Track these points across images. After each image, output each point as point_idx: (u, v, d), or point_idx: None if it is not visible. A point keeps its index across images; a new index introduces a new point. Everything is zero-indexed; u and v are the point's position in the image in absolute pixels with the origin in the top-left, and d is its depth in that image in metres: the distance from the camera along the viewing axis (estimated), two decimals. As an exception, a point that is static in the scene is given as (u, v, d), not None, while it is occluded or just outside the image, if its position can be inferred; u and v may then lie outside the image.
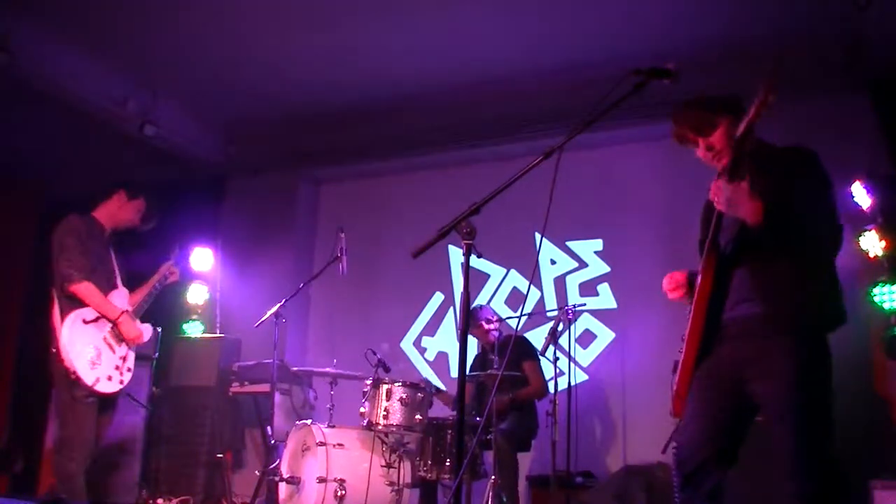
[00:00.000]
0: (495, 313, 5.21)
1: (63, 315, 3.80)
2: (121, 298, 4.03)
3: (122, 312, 3.93)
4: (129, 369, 3.97)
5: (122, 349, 3.96)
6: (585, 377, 5.80)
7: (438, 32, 5.07)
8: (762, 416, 2.45)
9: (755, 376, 2.41)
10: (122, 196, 4.14)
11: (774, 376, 2.37)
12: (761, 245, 2.43)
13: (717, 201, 2.41)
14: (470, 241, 2.36)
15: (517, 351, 4.89)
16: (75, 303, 3.82)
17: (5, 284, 6.91)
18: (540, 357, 4.76)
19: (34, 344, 5.43)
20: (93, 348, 3.81)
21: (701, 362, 2.53)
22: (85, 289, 3.82)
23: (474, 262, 2.39)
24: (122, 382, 3.92)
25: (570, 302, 5.63)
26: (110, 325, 3.91)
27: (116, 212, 4.13)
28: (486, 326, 4.95)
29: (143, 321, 4.14)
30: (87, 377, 3.75)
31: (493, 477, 4.12)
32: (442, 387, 5.35)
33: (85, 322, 3.84)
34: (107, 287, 3.95)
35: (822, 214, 2.45)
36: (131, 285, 4.16)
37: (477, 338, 5.15)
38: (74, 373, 3.72)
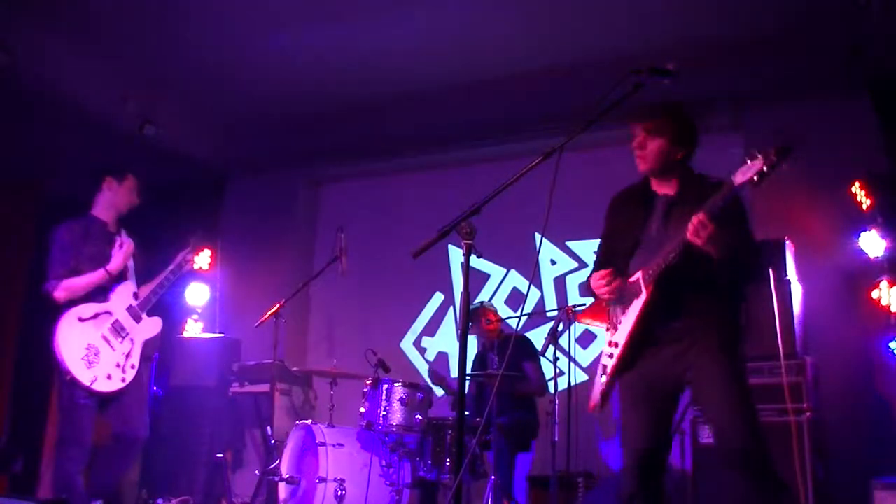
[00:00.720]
0: (496, 311, 5.21)
1: (61, 316, 3.78)
2: (124, 295, 3.96)
3: (104, 268, 3.82)
4: (132, 366, 3.86)
5: (124, 346, 3.87)
6: (585, 377, 5.80)
7: (438, 32, 5.06)
8: (701, 397, 2.71)
9: (688, 365, 2.65)
10: (111, 183, 4.06)
11: (715, 358, 2.62)
12: (700, 274, 2.63)
13: (697, 235, 2.50)
14: (470, 241, 2.36)
15: (518, 351, 4.89)
16: (72, 303, 3.80)
17: (5, 284, 6.90)
18: (541, 357, 4.76)
19: (34, 344, 5.42)
20: (89, 346, 3.74)
21: (632, 368, 2.77)
22: (65, 286, 3.77)
23: (474, 262, 2.40)
24: (123, 381, 3.81)
25: (570, 302, 5.64)
26: (108, 322, 3.85)
27: (112, 199, 4.07)
28: (488, 326, 4.95)
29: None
30: (84, 377, 3.68)
31: (492, 477, 4.12)
32: (442, 388, 5.35)
33: (81, 320, 3.79)
34: (115, 280, 3.91)
35: (755, 255, 2.81)
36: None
37: (478, 335, 5.15)
38: (69, 373, 3.66)
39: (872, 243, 4.62)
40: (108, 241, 4.00)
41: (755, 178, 2.40)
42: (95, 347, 3.77)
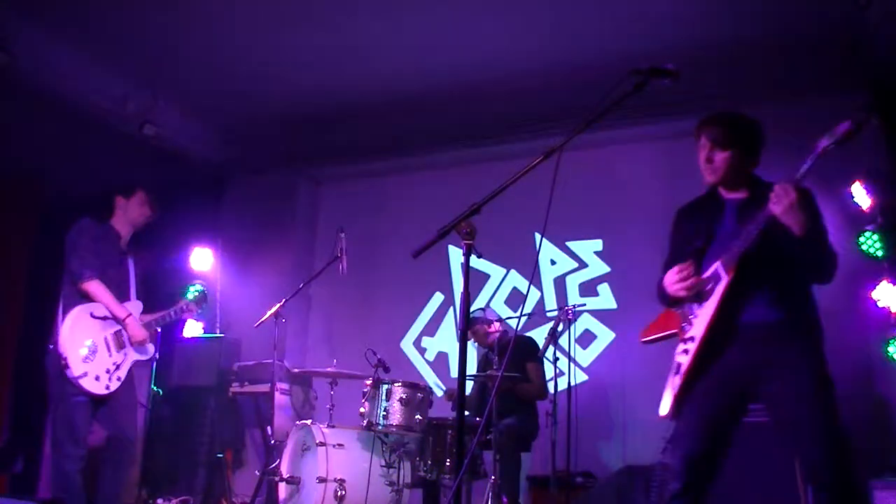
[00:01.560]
0: (495, 314, 5.20)
1: (68, 310, 3.81)
2: (136, 310, 4.04)
3: (130, 314, 3.93)
4: (119, 378, 3.87)
5: (118, 355, 3.90)
6: (585, 377, 5.80)
7: (438, 32, 5.07)
8: (775, 412, 2.56)
9: (773, 376, 2.52)
10: (120, 201, 4.15)
11: (796, 372, 2.49)
12: (782, 258, 2.55)
13: (779, 201, 2.45)
14: (470, 241, 2.36)
15: (521, 351, 4.88)
16: (87, 300, 3.86)
17: (5, 284, 6.90)
18: (543, 359, 4.76)
19: (34, 344, 5.42)
20: (91, 343, 3.80)
21: (707, 366, 2.60)
22: (96, 286, 3.85)
23: (474, 262, 2.39)
24: (107, 388, 3.81)
25: (570, 302, 5.63)
26: (116, 328, 3.91)
27: (125, 216, 4.15)
28: (488, 329, 4.94)
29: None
30: (76, 368, 3.71)
31: (492, 477, 4.12)
32: (442, 387, 5.35)
33: (93, 316, 3.85)
34: (117, 294, 3.95)
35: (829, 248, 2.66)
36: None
37: (477, 342, 5.14)
38: (65, 359, 3.69)
39: (872, 243, 4.62)
40: (122, 255, 4.11)
41: (841, 137, 2.41)
42: (95, 346, 3.82)
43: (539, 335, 5.20)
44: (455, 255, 6.46)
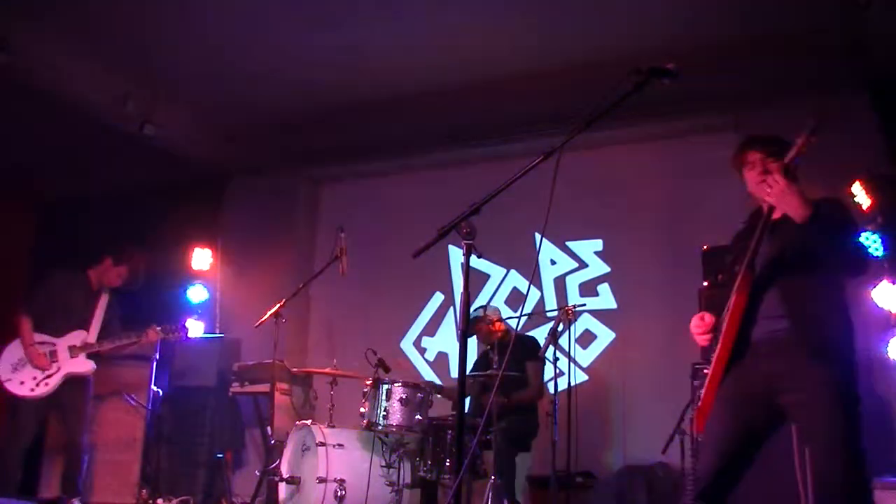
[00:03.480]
0: (497, 312, 5.20)
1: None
2: (74, 338, 4.82)
3: (32, 344, 4.73)
4: (46, 384, 4.69)
5: (51, 368, 4.72)
6: (585, 377, 5.80)
7: (438, 32, 5.06)
8: (797, 423, 2.59)
9: (788, 389, 2.51)
10: (107, 263, 4.97)
11: (808, 391, 2.48)
12: (795, 266, 2.56)
13: (771, 192, 2.48)
14: (470, 242, 2.35)
15: (522, 350, 4.88)
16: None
17: (5, 283, 6.90)
18: (544, 359, 4.76)
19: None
20: (20, 358, 4.73)
21: (728, 381, 2.62)
22: (20, 326, 4.79)
23: (474, 262, 2.39)
24: (31, 390, 4.66)
25: (570, 302, 5.63)
26: (49, 349, 4.75)
27: (102, 275, 4.98)
28: (493, 327, 4.94)
29: (146, 323, 4.91)
30: (2, 373, 4.69)
31: (493, 477, 4.12)
32: (438, 383, 5.35)
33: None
34: (64, 327, 4.82)
35: (853, 243, 2.63)
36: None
37: (480, 338, 5.14)
38: None
39: (872, 243, 4.62)
40: (91, 297, 4.95)
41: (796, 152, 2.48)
42: (24, 361, 4.72)
43: (539, 335, 5.21)
44: (455, 255, 6.46)
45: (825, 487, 2.47)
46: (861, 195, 4.71)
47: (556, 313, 4.99)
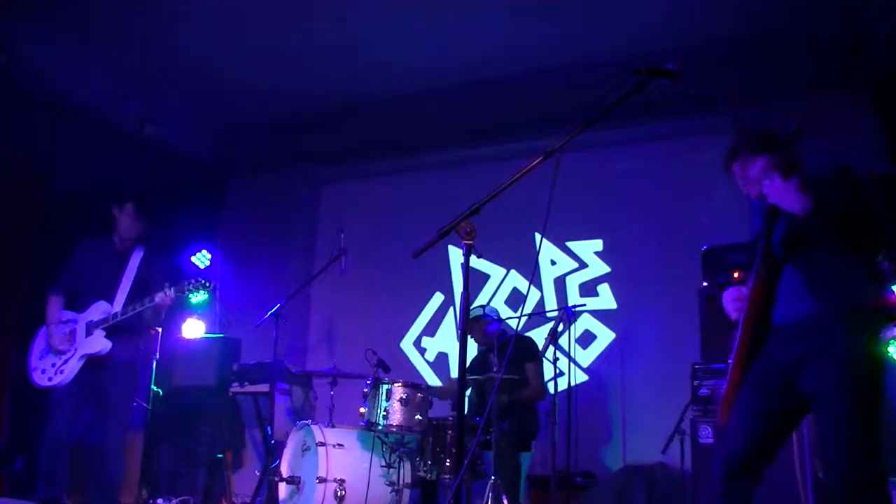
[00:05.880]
0: (496, 312, 5.20)
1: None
2: (95, 311, 4.24)
3: (51, 323, 4.23)
4: (61, 371, 4.14)
5: (69, 352, 4.17)
6: (585, 377, 5.80)
7: (439, 32, 5.07)
8: (812, 409, 2.51)
9: (810, 369, 2.46)
10: (115, 208, 4.42)
11: (829, 368, 2.41)
12: (810, 244, 2.53)
13: (769, 193, 2.49)
14: (470, 242, 2.35)
15: (520, 351, 4.88)
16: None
17: (7, 283, 6.90)
18: (542, 359, 4.75)
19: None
20: (46, 344, 4.22)
21: (750, 364, 2.60)
22: (49, 303, 4.31)
23: (474, 262, 2.39)
24: (50, 380, 4.13)
25: (570, 302, 5.64)
26: (70, 329, 4.21)
27: (119, 226, 4.41)
28: (485, 328, 4.94)
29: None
30: (32, 363, 4.24)
31: (493, 477, 4.12)
32: (438, 383, 5.35)
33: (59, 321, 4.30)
34: (91, 300, 4.25)
35: (861, 211, 2.51)
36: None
37: (476, 341, 5.14)
38: (29, 356, 4.27)
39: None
40: (117, 257, 4.37)
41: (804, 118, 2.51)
42: (48, 347, 4.22)
43: (539, 335, 5.21)
44: (455, 255, 6.46)
45: (836, 476, 2.39)
46: (861, 195, 4.70)
47: (556, 313, 4.99)
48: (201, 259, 6.52)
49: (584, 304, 5.39)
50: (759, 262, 2.59)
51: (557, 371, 4.57)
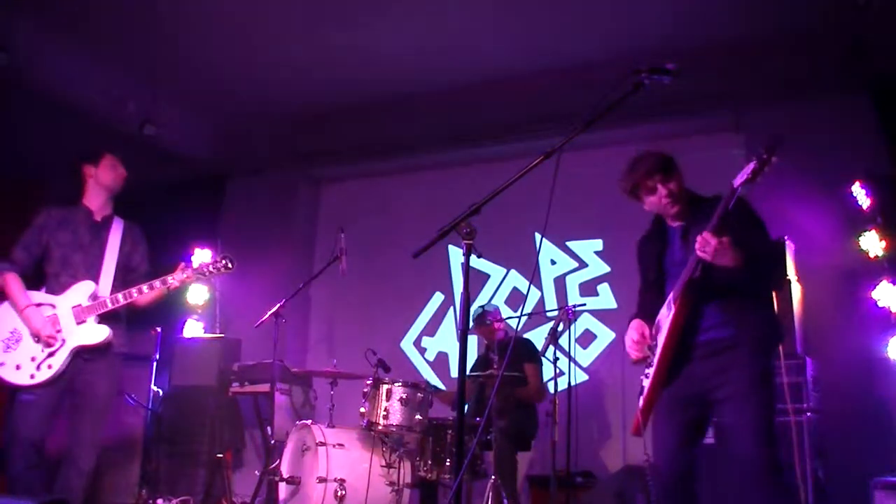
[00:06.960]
0: (499, 311, 5.21)
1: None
2: (79, 293, 3.60)
3: (29, 305, 3.51)
4: (49, 366, 3.45)
5: (56, 343, 3.50)
6: (585, 377, 5.80)
7: (439, 33, 5.07)
8: (721, 415, 2.79)
9: (720, 383, 2.72)
10: (89, 168, 3.88)
11: (735, 381, 2.69)
12: (729, 282, 2.73)
13: (704, 252, 2.61)
14: (470, 242, 2.36)
15: (519, 352, 4.88)
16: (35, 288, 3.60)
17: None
18: (542, 360, 4.75)
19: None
20: (12, 330, 3.50)
21: (668, 384, 2.83)
22: (4, 280, 3.57)
23: (474, 262, 2.39)
24: (31, 377, 3.42)
25: (570, 302, 5.63)
26: (49, 314, 3.53)
27: (97, 183, 3.86)
28: (496, 325, 4.95)
29: (143, 323, 4.12)
30: None
31: (493, 477, 4.12)
32: (441, 386, 5.35)
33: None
34: (66, 280, 3.62)
35: (773, 256, 2.94)
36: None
37: (483, 336, 5.15)
38: None
39: (872, 243, 4.62)
40: (95, 230, 3.78)
41: (750, 176, 2.50)
42: (19, 334, 3.50)
43: (539, 335, 5.21)
44: (455, 255, 6.46)
45: (748, 469, 2.62)
46: (861, 195, 4.71)
47: (556, 313, 4.99)
48: (201, 259, 6.51)
49: (584, 304, 5.39)
50: (683, 291, 2.74)
51: (557, 371, 4.57)
